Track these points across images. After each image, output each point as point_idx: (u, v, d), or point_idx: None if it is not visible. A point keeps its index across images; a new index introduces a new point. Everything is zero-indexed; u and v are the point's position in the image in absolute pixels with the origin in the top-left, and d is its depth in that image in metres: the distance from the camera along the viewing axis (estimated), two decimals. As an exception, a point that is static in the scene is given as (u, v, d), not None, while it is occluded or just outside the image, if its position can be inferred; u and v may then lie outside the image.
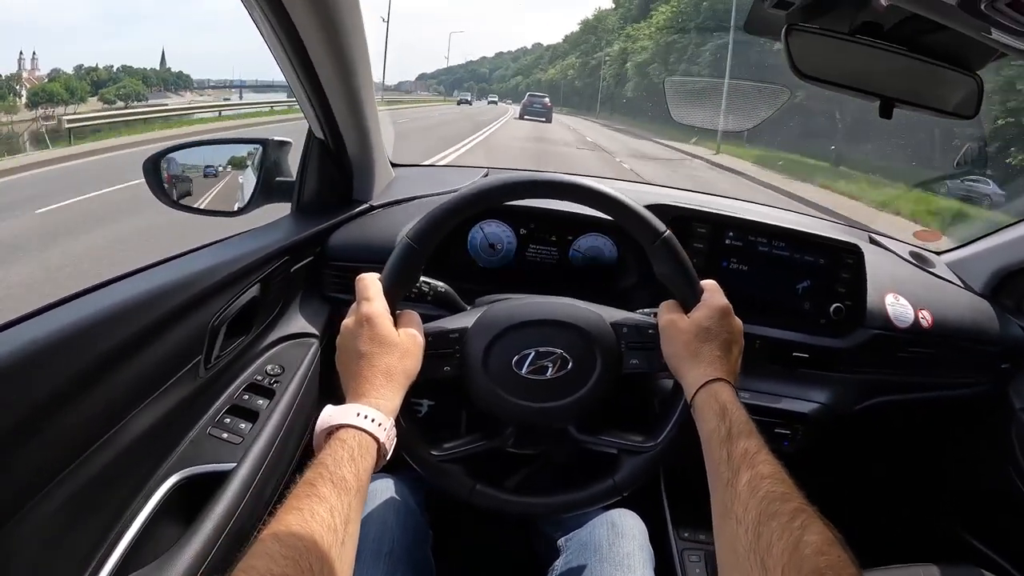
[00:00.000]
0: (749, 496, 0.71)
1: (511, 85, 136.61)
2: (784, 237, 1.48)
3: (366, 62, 1.26)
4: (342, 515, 0.70)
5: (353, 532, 0.73)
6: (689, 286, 0.98)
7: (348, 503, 0.72)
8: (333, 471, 0.74)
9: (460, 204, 0.97)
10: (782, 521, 0.66)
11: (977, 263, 1.72)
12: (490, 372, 0.99)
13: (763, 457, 0.76)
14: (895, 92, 0.96)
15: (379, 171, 1.56)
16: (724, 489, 0.76)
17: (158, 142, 13.10)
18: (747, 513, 0.69)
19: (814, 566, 0.61)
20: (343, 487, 0.73)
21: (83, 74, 47.23)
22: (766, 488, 0.71)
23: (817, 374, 1.50)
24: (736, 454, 0.77)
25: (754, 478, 0.73)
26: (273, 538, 0.64)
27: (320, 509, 0.69)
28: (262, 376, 1.21)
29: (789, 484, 0.72)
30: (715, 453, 0.80)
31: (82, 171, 12.22)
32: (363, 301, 0.92)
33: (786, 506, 0.68)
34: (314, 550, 0.64)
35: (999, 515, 1.69)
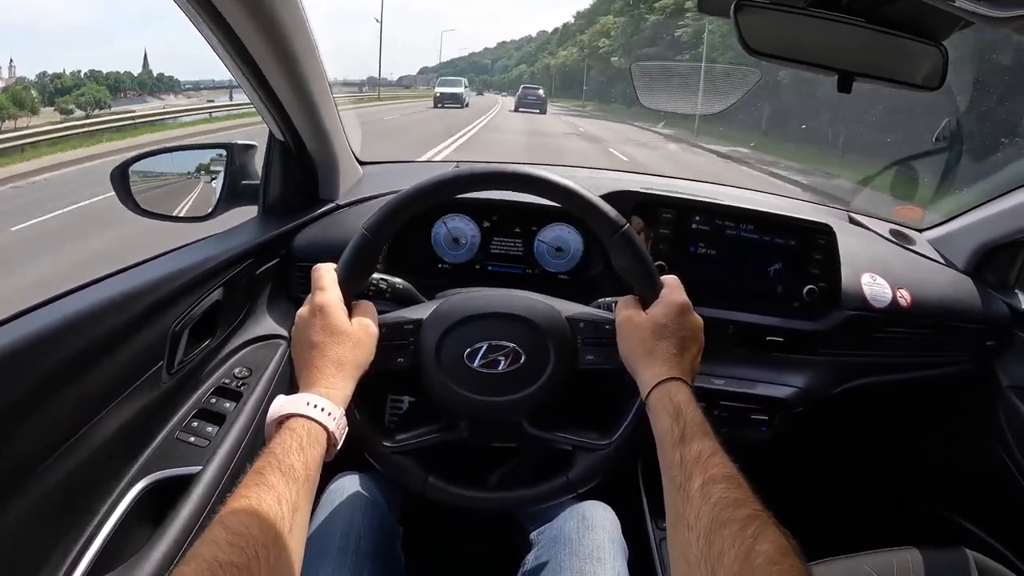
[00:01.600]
0: (701, 502, 0.70)
1: (514, 75, 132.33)
2: (753, 220, 1.46)
3: (315, 62, 1.24)
4: (290, 503, 0.70)
5: (301, 520, 0.73)
6: (648, 281, 0.96)
7: (296, 491, 0.72)
8: (281, 459, 0.74)
9: (416, 194, 0.96)
10: (734, 529, 0.65)
11: (959, 239, 1.70)
12: (442, 364, 0.99)
13: (717, 461, 0.75)
14: (855, 66, 0.95)
15: (344, 170, 1.55)
16: (676, 494, 0.74)
17: (122, 152, 12.45)
18: (699, 520, 0.68)
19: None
20: (291, 475, 0.73)
21: (47, 81, 45.72)
22: (719, 494, 0.69)
23: (793, 358, 1.48)
24: (689, 457, 0.76)
25: (707, 483, 0.71)
26: (220, 526, 0.64)
27: (267, 497, 0.69)
28: (229, 379, 1.21)
29: (744, 489, 0.70)
30: (668, 456, 0.79)
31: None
32: (317, 291, 0.92)
33: (739, 513, 0.66)
34: (260, 537, 0.64)
35: (987, 495, 1.68)
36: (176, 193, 1.40)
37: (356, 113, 21.01)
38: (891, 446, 1.90)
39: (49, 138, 16.33)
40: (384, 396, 1.45)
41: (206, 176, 1.42)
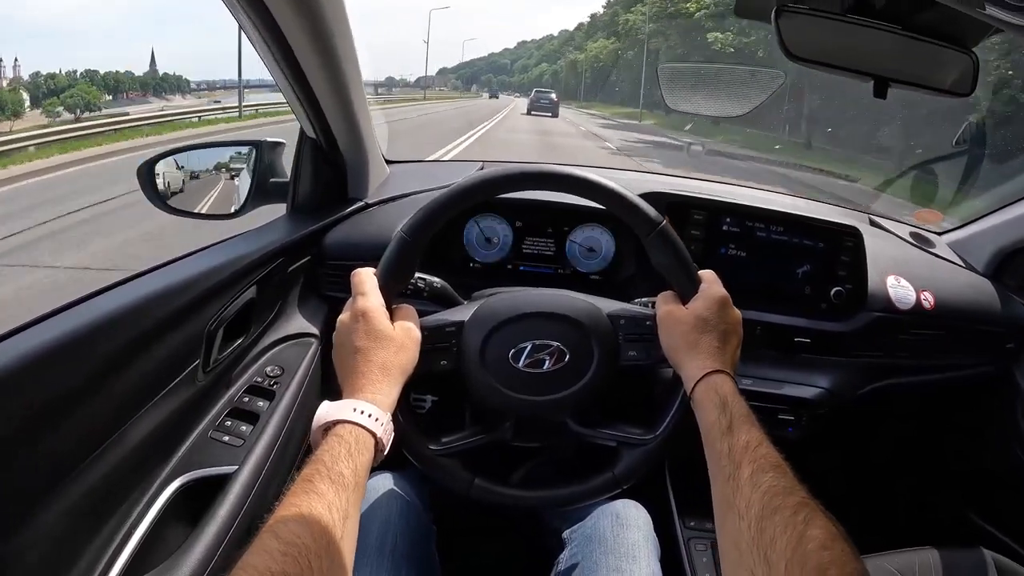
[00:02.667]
0: (751, 490, 0.70)
1: (534, 75, 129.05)
2: (782, 222, 1.47)
3: (354, 61, 1.25)
4: (340, 511, 0.70)
5: (352, 528, 0.73)
6: (687, 276, 0.97)
7: (346, 499, 0.72)
8: (330, 467, 0.74)
9: (454, 197, 0.97)
10: (785, 515, 0.66)
11: (979, 242, 1.70)
12: (487, 366, 0.99)
13: (765, 450, 0.76)
14: (889, 71, 0.95)
15: (373, 169, 1.56)
16: (726, 483, 0.75)
17: (97, 158, 12.10)
18: (749, 508, 0.69)
19: (818, 561, 0.60)
20: (340, 483, 0.73)
21: (41, 82, 44.52)
22: (768, 482, 0.70)
23: (819, 359, 1.48)
24: (737, 447, 0.77)
25: (756, 472, 0.72)
26: (272, 535, 0.64)
27: (318, 505, 0.69)
28: (262, 378, 1.21)
29: (791, 478, 0.72)
30: (716, 446, 0.80)
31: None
32: (358, 296, 0.92)
33: (789, 500, 0.67)
34: (313, 547, 0.64)
35: (1008, 496, 1.68)
36: (201, 190, 1.41)
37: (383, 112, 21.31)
38: (913, 447, 1.91)
39: (20, 145, 15.29)
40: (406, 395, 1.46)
41: (227, 174, 1.43)
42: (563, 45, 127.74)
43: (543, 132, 22.33)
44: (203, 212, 1.40)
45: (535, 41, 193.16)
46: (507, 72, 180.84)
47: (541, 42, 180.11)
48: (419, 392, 1.46)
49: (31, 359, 0.76)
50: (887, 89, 0.96)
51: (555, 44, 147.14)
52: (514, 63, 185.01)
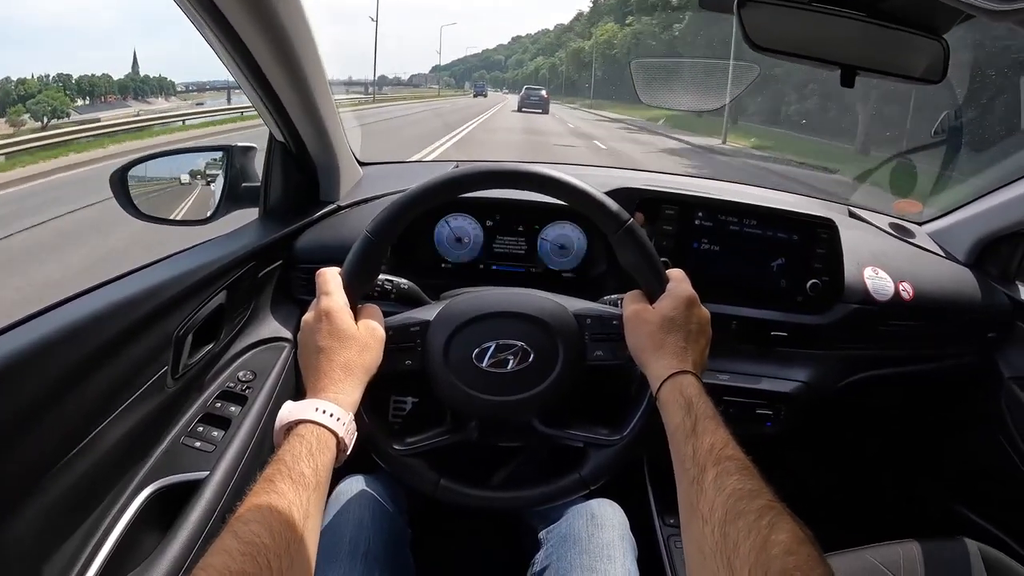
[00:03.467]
0: (715, 494, 0.69)
1: (529, 70, 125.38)
2: (755, 215, 1.46)
3: (317, 65, 1.24)
4: (301, 510, 0.70)
5: (313, 527, 0.73)
6: (654, 275, 0.96)
7: (307, 498, 0.72)
8: (291, 467, 0.74)
9: (420, 196, 0.96)
10: (749, 520, 0.64)
11: (959, 232, 1.70)
12: (451, 365, 0.98)
13: (730, 452, 0.74)
14: (857, 60, 0.95)
15: (345, 171, 1.55)
16: (690, 486, 0.74)
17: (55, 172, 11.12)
18: (713, 512, 0.68)
19: (782, 566, 0.59)
20: (301, 482, 0.72)
21: (11, 87, 43.59)
22: (733, 485, 0.69)
23: (797, 352, 1.48)
24: (702, 450, 0.76)
25: (720, 475, 0.71)
26: (231, 535, 0.64)
27: (278, 505, 0.69)
28: (234, 383, 1.21)
29: (758, 480, 0.70)
30: (680, 449, 0.79)
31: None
32: (322, 296, 0.92)
33: (753, 504, 0.66)
34: (272, 546, 0.64)
35: (992, 486, 1.69)
36: (175, 196, 1.40)
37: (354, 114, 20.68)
38: (896, 439, 1.91)
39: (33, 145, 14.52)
40: (388, 397, 1.45)
41: (202, 180, 1.42)
42: (561, 35, 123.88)
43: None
44: (176, 218, 1.39)
45: (529, 36, 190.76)
46: (501, 68, 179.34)
47: (536, 36, 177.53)
48: (400, 394, 1.45)
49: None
50: (854, 77, 0.95)
51: (551, 37, 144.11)
52: (508, 59, 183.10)
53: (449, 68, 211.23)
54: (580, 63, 73.83)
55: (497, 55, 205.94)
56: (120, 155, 12.83)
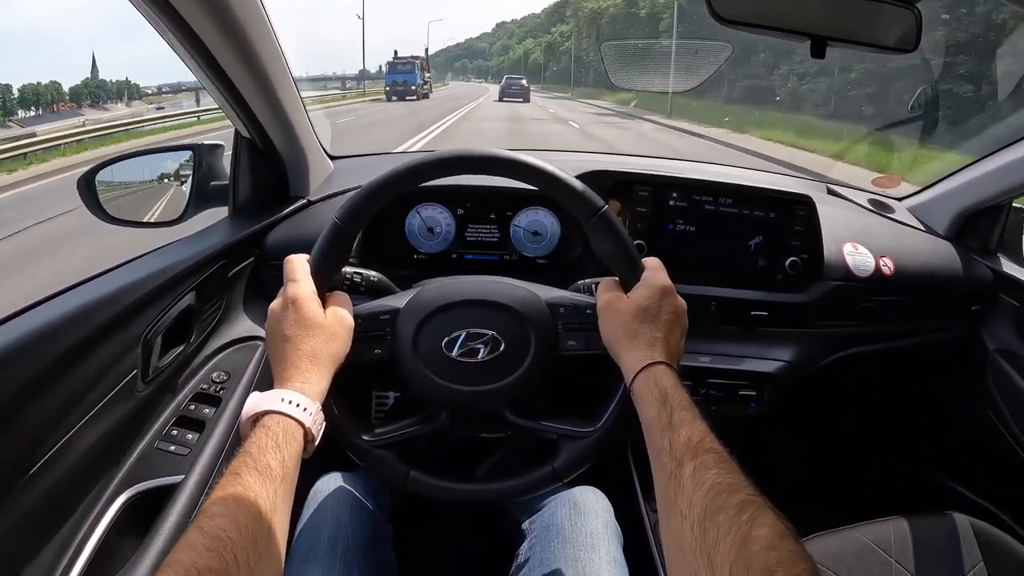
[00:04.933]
0: (693, 489, 0.67)
1: (517, 54, 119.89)
2: (730, 193, 1.45)
3: (277, 57, 1.22)
4: (268, 503, 0.69)
5: (281, 521, 0.71)
6: (629, 264, 0.94)
7: (274, 491, 0.71)
8: (257, 459, 0.72)
9: (389, 181, 0.94)
10: (729, 515, 0.62)
11: (939, 206, 1.70)
12: (420, 354, 0.96)
13: (708, 445, 0.72)
14: (827, 31, 0.94)
15: (314, 165, 1.53)
16: (667, 481, 0.72)
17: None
18: (692, 508, 0.66)
19: (764, 562, 0.57)
20: (268, 475, 0.71)
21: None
22: (711, 480, 0.67)
23: (779, 332, 1.48)
24: (679, 444, 0.73)
25: (698, 469, 0.69)
26: (197, 531, 0.63)
27: (244, 499, 0.68)
28: (208, 384, 1.19)
29: (737, 474, 0.68)
30: (657, 442, 0.77)
31: None
32: (289, 283, 0.91)
33: (733, 499, 0.64)
34: (239, 540, 0.63)
35: (980, 459, 1.69)
36: (146, 198, 1.38)
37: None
38: (883, 415, 1.91)
39: None
40: (369, 391, 1.43)
41: (175, 181, 1.40)
42: (555, 11, 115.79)
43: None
44: (145, 220, 1.37)
45: (515, 21, 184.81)
46: (485, 56, 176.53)
47: (523, 20, 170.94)
48: (381, 389, 1.44)
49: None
50: (825, 49, 0.93)
51: (540, 19, 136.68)
52: (492, 46, 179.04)
53: (432, 60, 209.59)
54: (583, 35, 64.59)
55: (481, 43, 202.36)
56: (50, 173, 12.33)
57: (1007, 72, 2.78)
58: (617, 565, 1.04)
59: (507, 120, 22.18)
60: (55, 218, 7.75)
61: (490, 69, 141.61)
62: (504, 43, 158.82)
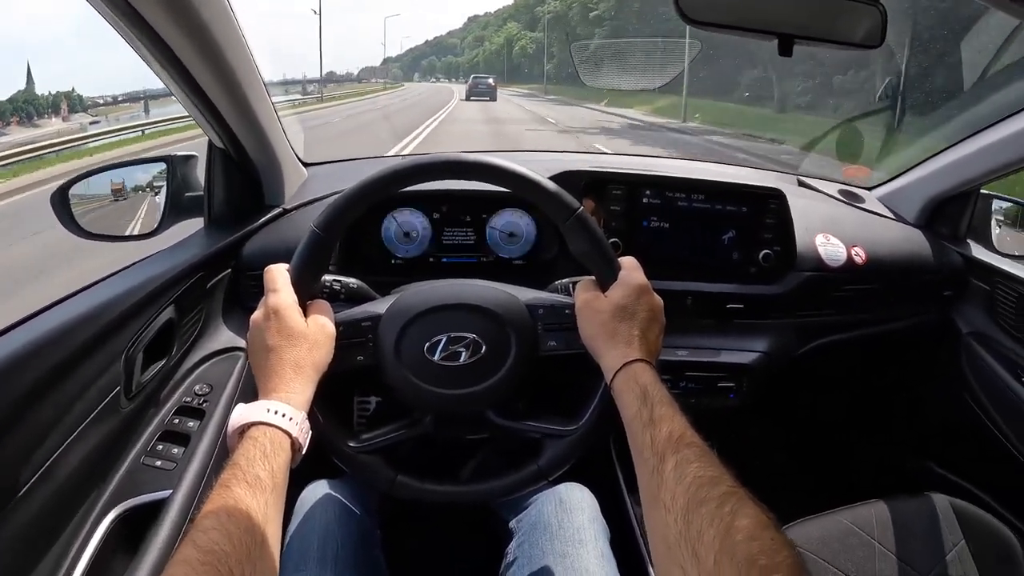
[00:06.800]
0: (676, 483, 0.68)
1: (495, 46, 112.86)
2: (702, 189, 1.47)
3: (248, 65, 1.22)
4: (260, 515, 0.69)
5: (274, 531, 0.72)
6: (606, 264, 0.95)
7: (265, 502, 0.71)
8: (246, 471, 0.73)
9: (366, 189, 0.95)
10: (711, 507, 0.64)
11: (908, 194, 1.73)
12: (403, 360, 0.97)
13: (688, 439, 0.74)
14: (794, 29, 0.95)
15: (288, 173, 1.52)
16: (650, 476, 0.73)
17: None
18: (675, 501, 0.67)
19: (747, 552, 0.59)
20: (258, 486, 0.72)
21: None
22: (693, 473, 0.68)
23: (755, 323, 1.50)
24: (660, 439, 0.74)
25: (680, 463, 0.70)
26: (191, 545, 0.63)
27: (236, 511, 0.68)
28: (191, 397, 1.18)
29: (718, 467, 0.70)
30: (638, 439, 0.78)
31: None
32: (270, 293, 0.91)
33: (714, 491, 0.66)
34: (233, 553, 0.63)
35: (958, 441, 1.72)
36: (122, 212, 1.37)
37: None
38: (862, 401, 1.94)
39: None
40: (350, 397, 1.44)
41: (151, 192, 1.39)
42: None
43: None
44: (121, 235, 1.36)
45: (489, 14, 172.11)
46: (455, 52, 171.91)
47: (499, 12, 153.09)
48: (363, 394, 1.44)
49: None
50: (792, 47, 0.95)
51: (514, 8, 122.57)
52: (463, 41, 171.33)
53: (399, 60, 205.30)
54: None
55: (451, 39, 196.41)
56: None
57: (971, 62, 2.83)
58: (605, 559, 1.06)
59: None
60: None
61: (461, 66, 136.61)
62: (477, 35, 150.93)
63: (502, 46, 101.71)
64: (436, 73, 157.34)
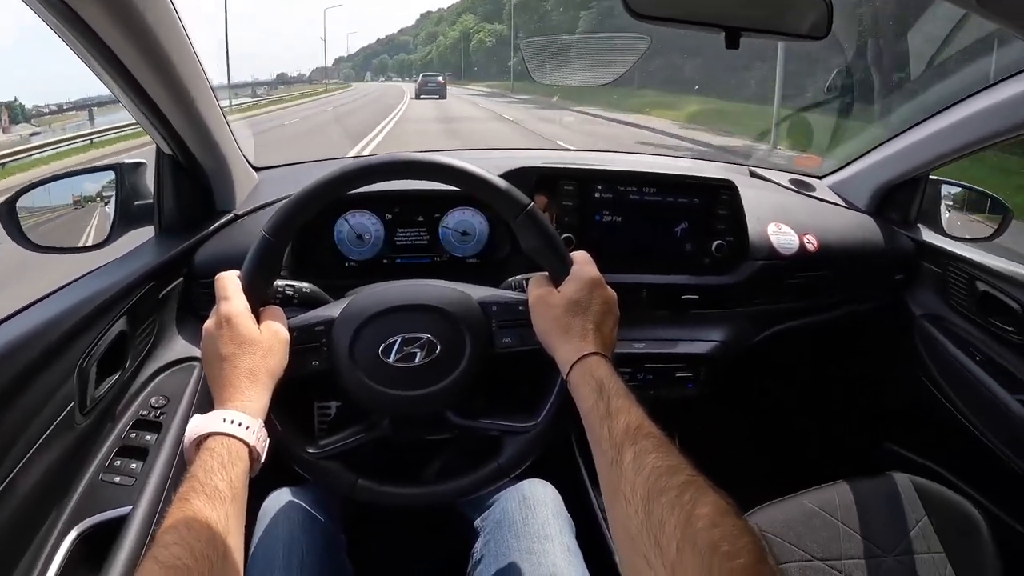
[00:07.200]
0: (635, 474, 0.69)
1: (446, 44, 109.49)
2: (654, 183, 1.49)
3: (194, 69, 1.20)
4: (220, 526, 0.69)
5: (236, 542, 0.71)
6: (558, 258, 0.96)
7: (225, 513, 0.71)
8: (204, 482, 0.72)
9: (314, 192, 0.94)
10: (671, 496, 0.64)
11: (859, 182, 1.77)
12: (358, 363, 0.97)
13: (646, 430, 0.74)
14: (740, 21, 0.95)
15: (239, 178, 1.50)
16: (609, 468, 0.73)
17: None
18: (635, 492, 0.67)
19: (709, 539, 0.59)
20: (217, 497, 0.71)
21: None
22: (652, 463, 0.69)
23: (710, 313, 1.52)
24: (617, 431, 0.75)
25: (639, 454, 0.71)
26: (153, 561, 0.63)
27: (196, 523, 0.68)
28: (147, 410, 1.17)
29: (676, 456, 0.70)
30: (596, 431, 0.78)
31: None
32: (222, 301, 0.90)
33: (674, 480, 0.66)
34: (195, 567, 0.63)
35: (916, 420, 1.75)
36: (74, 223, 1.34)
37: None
38: (821, 386, 1.97)
39: None
40: (311, 403, 1.43)
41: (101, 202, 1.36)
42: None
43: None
44: (72, 246, 1.33)
45: (442, 10, 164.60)
46: (407, 50, 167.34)
47: (455, 6, 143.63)
48: (323, 399, 1.44)
49: None
50: (739, 39, 0.96)
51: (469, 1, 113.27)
52: (416, 38, 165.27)
53: (351, 59, 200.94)
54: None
55: (404, 36, 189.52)
56: None
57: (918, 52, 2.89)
58: (571, 553, 1.06)
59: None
60: None
61: (414, 64, 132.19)
62: (430, 31, 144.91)
63: (458, 40, 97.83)
64: (388, 72, 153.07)
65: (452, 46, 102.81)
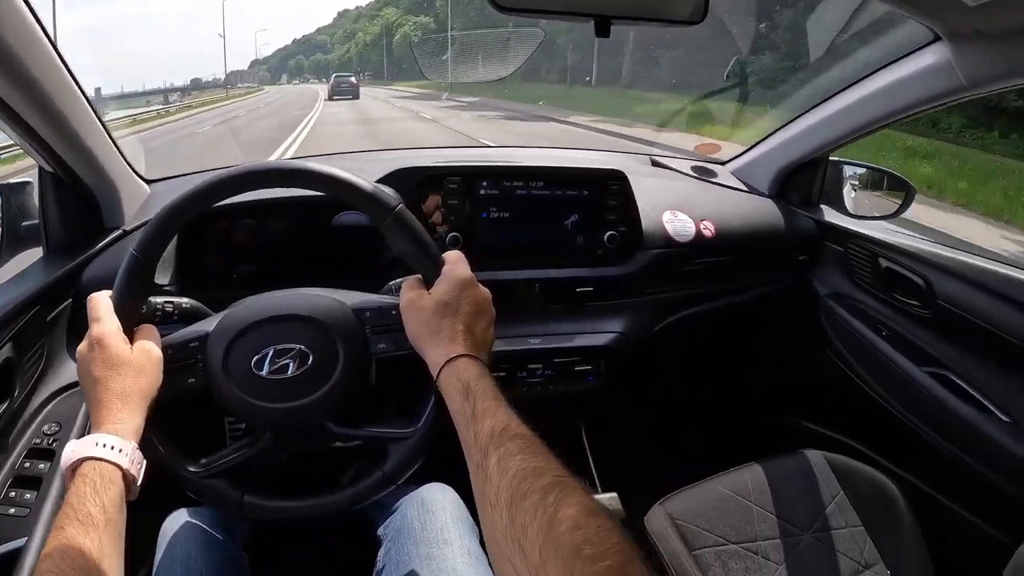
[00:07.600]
0: (500, 478, 0.68)
1: (366, 40, 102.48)
2: (540, 176, 1.48)
3: (64, 85, 1.15)
4: (95, 552, 0.69)
5: (111, 567, 0.71)
6: (428, 260, 0.95)
7: (98, 539, 0.70)
8: (78, 508, 0.72)
9: (179, 205, 0.92)
10: (534, 499, 0.63)
11: (760, 166, 1.80)
12: (232, 377, 0.94)
13: (513, 431, 0.73)
14: (611, 10, 0.93)
15: (127, 192, 1.45)
16: (476, 473, 0.72)
17: None
18: (499, 496, 0.66)
19: (571, 542, 0.58)
20: (90, 523, 0.71)
21: None
22: (516, 466, 0.68)
23: (608, 304, 1.52)
24: (483, 434, 0.74)
25: (503, 457, 0.70)
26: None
27: (70, 551, 0.67)
28: (40, 438, 1.13)
29: (543, 457, 0.69)
30: (464, 435, 0.77)
31: None
32: (93, 322, 0.88)
33: (538, 482, 0.65)
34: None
35: (828, 397, 1.79)
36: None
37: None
38: (730, 370, 2.00)
39: None
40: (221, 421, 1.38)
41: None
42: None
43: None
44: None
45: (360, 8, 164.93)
46: (324, 49, 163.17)
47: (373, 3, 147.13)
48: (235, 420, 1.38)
49: None
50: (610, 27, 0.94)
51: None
52: (333, 36, 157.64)
53: (267, 62, 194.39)
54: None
55: (320, 36, 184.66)
56: None
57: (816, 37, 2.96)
58: (473, 556, 1.05)
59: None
60: None
61: (331, 64, 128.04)
62: (348, 29, 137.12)
63: (378, 36, 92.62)
64: (305, 73, 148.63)
65: (372, 43, 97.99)
